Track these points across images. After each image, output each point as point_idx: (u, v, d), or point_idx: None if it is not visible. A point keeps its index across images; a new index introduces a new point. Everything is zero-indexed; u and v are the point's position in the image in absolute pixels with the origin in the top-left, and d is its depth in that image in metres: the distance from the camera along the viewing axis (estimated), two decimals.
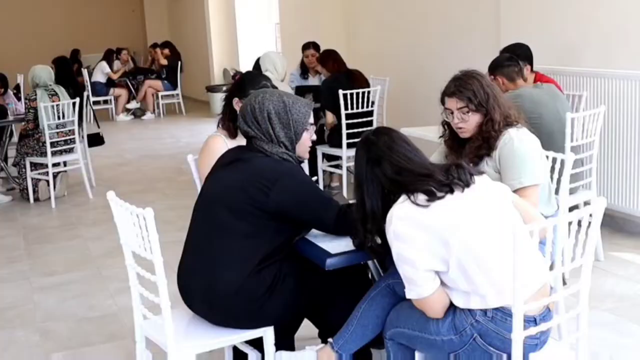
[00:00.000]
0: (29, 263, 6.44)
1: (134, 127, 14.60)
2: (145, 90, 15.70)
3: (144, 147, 12.11)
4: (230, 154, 3.45)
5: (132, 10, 20.89)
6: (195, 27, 17.30)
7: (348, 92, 7.43)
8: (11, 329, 5.02)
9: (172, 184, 9.10)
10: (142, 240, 3.11)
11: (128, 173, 9.98)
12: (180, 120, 15.00)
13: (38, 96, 8.22)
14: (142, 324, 3.48)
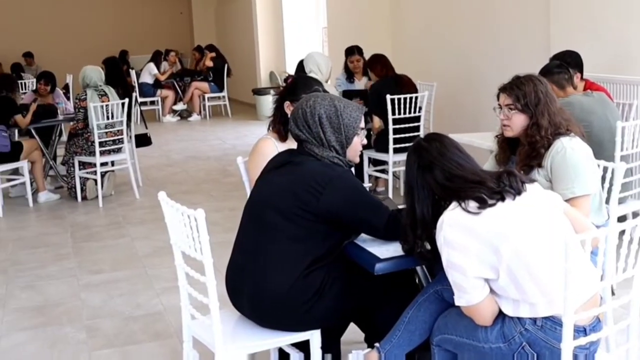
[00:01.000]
0: (76, 261, 6.51)
1: (180, 129, 14.71)
2: (192, 92, 15.81)
3: (190, 148, 12.19)
4: (281, 157, 3.47)
5: (180, 13, 21.06)
6: (242, 30, 17.39)
7: (395, 97, 7.42)
8: (59, 326, 5.08)
9: (218, 186, 9.15)
10: (192, 241, 3.14)
11: (174, 174, 10.05)
12: (226, 123, 15.07)
13: (88, 96, 8.32)
14: (190, 324, 3.51)
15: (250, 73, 16.65)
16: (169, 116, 15.85)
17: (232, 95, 16.78)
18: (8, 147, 8.24)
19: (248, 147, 11.43)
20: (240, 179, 9.06)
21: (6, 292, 5.79)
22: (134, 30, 20.25)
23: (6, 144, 8.23)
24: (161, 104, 16.04)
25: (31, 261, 6.57)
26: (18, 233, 7.53)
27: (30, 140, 8.67)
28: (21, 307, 5.49)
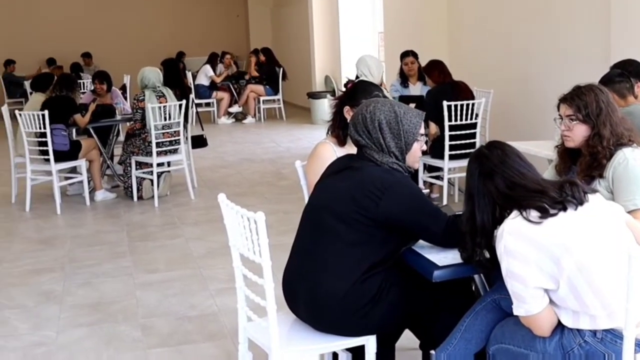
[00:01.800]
0: (132, 259, 6.59)
1: (235, 131, 14.80)
2: (247, 95, 15.90)
3: (245, 150, 12.25)
4: (341, 162, 3.47)
5: (237, 16, 21.19)
6: (298, 33, 17.44)
7: (452, 103, 7.39)
8: (114, 323, 5.15)
9: (272, 188, 9.19)
10: (251, 244, 3.16)
11: (229, 176, 10.12)
12: (280, 126, 15.13)
13: (146, 97, 8.42)
14: (246, 325, 3.53)
15: (305, 77, 16.69)
16: (224, 118, 15.96)
17: (287, 99, 16.84)
18: (67, 146, 8.38)
19: (302, 150, 11.59)
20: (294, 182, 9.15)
21: (63, 288, 5.89)
22: (190, 32, 20.41)
23: (65, 142, 8.37)
24: (216, 106, 16.15)
25: (88, 259, 6.67)
26: (75, 231, 7.65)
27: (88, 140, 8.80)
28: (78, 303, 5.57)
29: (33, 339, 4.96)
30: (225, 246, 6.53)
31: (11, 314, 5.42)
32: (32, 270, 6.42)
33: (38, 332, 5.06)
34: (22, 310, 5.50)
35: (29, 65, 18.83)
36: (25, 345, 4.87)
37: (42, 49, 19.09)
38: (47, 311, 5.44)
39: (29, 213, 8.43)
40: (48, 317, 5.31)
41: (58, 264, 6.53)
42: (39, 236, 7.56)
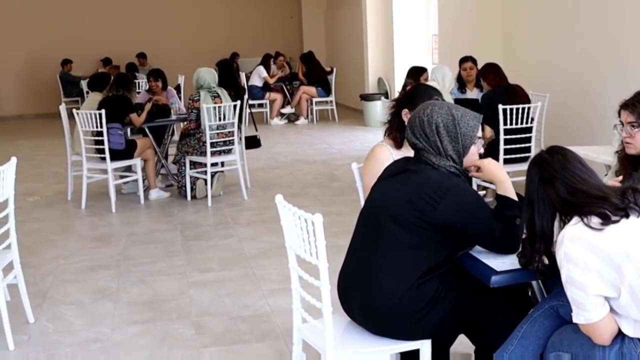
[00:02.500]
0: (185, 258, 6.64)
1: (288, 132, 14.83)
2: (299, 96, 15.93)
3: (297, 151, 12.28)
4: (398, 165, 3.46)
5: (291, 17, 21.23)
6: (352, 35, 17.43)
7: (508, 107, 7.33)
8: (168, 321, 5.19)
9: (325, 190, 9.19)
10: (308, 245, 3.16)
11: (281, 176, 10.14)
12: (332, 127, 15.13)
13: (201, 97, 8.47)
14: (301, 327, 3.53)
15: (358, 78, 16.67)
16: (276, 119, 16.02)
17: (340, 100, 16.84)
18: (123, 145, 8.47)
19: (354, 152, 11.60)
20: (347, 183, 9.17)
21: (118, 286, 5.95)
22: (244, 33, 20.50)
23: (121, 141, 8.46)
24: (269, 107, 16.21)
25: (142, 257, 6.73)
26: (130, 229, 7.73)
27: (143, 139, 8.89)
28: (132, 301, 5.63)
29: (88, 335, 5.02)
30: (277, 247, 6.62)
31: (67, 309, 5.50)
32: (87, 267, 6.50)
33: (93, 329, 5.12)
34: (77, 306, 5.57)
35: (85, 64, 19.10)
36: (81, 341, 4.93)
37: (98, 49, 19.35)
38: (102, 308, 5.50)
39: (84, 210, 8.54)
40: (103, 314, 5.37)
41: (113, 262, 6.60)
42: (95, 234, 7.66)
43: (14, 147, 12.74)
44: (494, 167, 3.37)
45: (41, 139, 14.98)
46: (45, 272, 6.35)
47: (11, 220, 4.96)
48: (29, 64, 19.70)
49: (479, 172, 3.38)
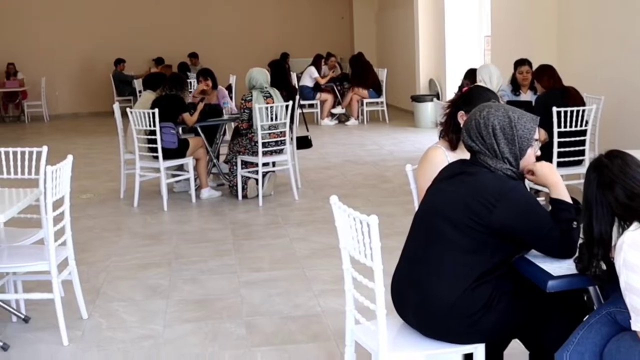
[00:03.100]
0: (236, 257, 6.66)
1: (338, 132, 14.82)
2: (350, 97, 15.93)
3: (348, 152, 12.26)
4: (454, 167, 3.44)
5: (342, 18, 21.22)
6: (403, 36, 17.37)
7: (562, 109, 7.25)
8: (219, 320, 5.22)
9: (375, 191, 9.16)
10: (362, 246, 3.15)
11: (332, 177, 10.14)
12: (383, 128, 15.09)
13: (253, 97, 8.50)
14: (354, 328, 3.52)
15: (409, 80, 16.60)
16: (327, 119, 16.03)
17: (390, 102, 16.79)
18: (175, 144, 8.54)
19: (405, 153, 11.56)
20: (397, 185, 9.15)
21: (170, 283, 6.00)
22: (295, 33, 20.54)
23: (174, 140, 8.53)
24: (320, 107, 16.22)
25: (193, 255, 6.78)
26: (181, 227, 7.79)
27: (195, 138, 8.94)
28: (184, 299, 5.67)
29: (140, 332, 5.06)
30: (328, 247, 6.63)
31: (120, 306, 5.55)
32: (140, 264, 6.56)
33: (145, 326, 5.17)
34: (130, 303, 5.63)
35: (137, 64, 19.31)
36: (133, 338, 4.97)
37: (151, 49, 19.52)
38: (154, 305, 5.55)
39: (136, 208, 8.63)
40: (155, 311, 5.42)
41: (165, 260, 6.66)
42: (147, 231, 7.73)
43: (68, 145, 12.89)
44: (547, 171, 3.33)
45: (95, 137, 15.17)
46: (98, 268, 6.43)
47: (67, 217, 5.03)
48: (83, 63, 19.97)
49: (532, 176, 3.33)
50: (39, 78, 18.91)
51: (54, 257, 4.80)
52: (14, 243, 5.35)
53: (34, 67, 19.27)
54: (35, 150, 5.56)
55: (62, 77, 19.89)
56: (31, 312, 5.35)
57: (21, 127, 18.20)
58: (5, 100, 19.32)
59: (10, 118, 19.44)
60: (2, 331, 5.09)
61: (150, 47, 19.55)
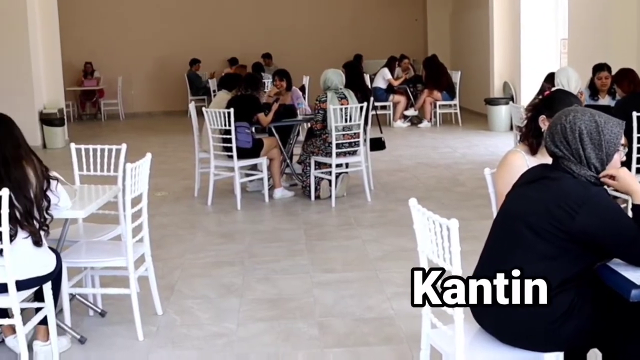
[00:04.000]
0: (309, 258, 6.68)
1: (411, 134, 14.77)
2: (423, 99, 15.86)
3: (420, 154, 12.20)
4: (535, 172, 3.38)
5: (415, 20, 21.13)
6: (477, 38, 17.23)
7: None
8: (292, 320, 5.23)
9: (449, 194, 9.09)
10: (441, 250, 3.12)
11: (405, 179, 10.09)
12: (456, 131, 14.98)
13: (328, 98, 8.51)
14: (430, 332, 3.49)
15: (483, 82, 16.45)
16: (399, 121, 15.98)
17: (463, 104, 16.66)
18: (250, 144, 8.60)
19: (478, 157, 11.46)
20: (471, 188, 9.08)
21: (243, 282, 6.03)
22: (368, 35, 20.51)
23: (248, 140, 8.59)
24: (392, 109, 16.19)
25: (266, 254, 6.81)
26: (254, 227, 7.84)
27: (269, 138, 8.98)
28: (257, 298, 5.70)
29: (214, 330, 5.10)
30: (401, 249, 6.61)
31: (194, 303, 5.61)
32: (213, 262, 6.62)
33: (219, 324, 5.21)
34: (203, 300, 5.68)
35: (211, 64, 19.53)
36: (207, 335, 5.02)
37: (225, 49, 19.73)
38: (228, 303, 5.59)
39: (210, 207, 8.71)
40: (228, 309, 5.46)
41: (238, 258, 6.71)
42: (220, 230, 7.80)
43: (143, 143, 13.08)
44: (629, 177, 3.26)
45: (169, 135, 15.37)
46: (173, 265, 6.50)
47: (144, 214, 5.10)
48: (158, 63, 20.28)
49: (613, 181, 3.26)
50: (115, 77, 19.28)
51: (132, 254, 4.88)
52: (92, 238, 5.45)
53: (111, 66, 19.66)
54: (115, 147, 5.66)
55: (138, 77, 20.24)
56: (107, 307, 5.45)
57: (98, 125, 18.56)
58: (83, 98, 19.76)
59: (87, 116, 19.86)
60: (80, 324, 5.18)
61: (224, 47, 19.76)
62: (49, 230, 4.58)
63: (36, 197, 4.42)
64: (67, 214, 4.73)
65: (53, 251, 4.66)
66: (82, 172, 5.77)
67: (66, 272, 4.88)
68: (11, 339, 4.73)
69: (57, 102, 15.02)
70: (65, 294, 4.95)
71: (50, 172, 4.58)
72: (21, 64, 13.99)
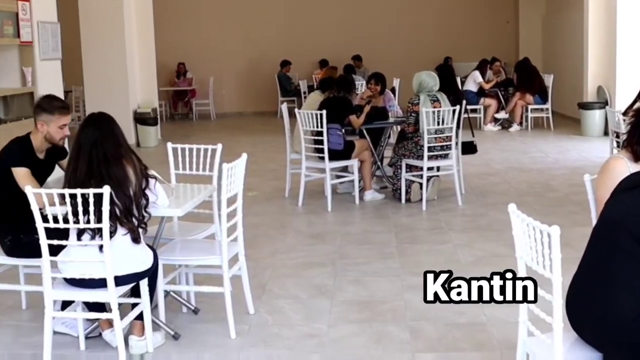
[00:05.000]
0: (400, 261, 6.65)
1: (501, 138, 14.60)
2: (515, 102, 15.66)
3: (511, 159, 12.05)
4: (636, 177, 3.31)
5: (507, 22, 20.89)
6: (571, 40, 16.93)
7: None
8: (383, 323, 5.22)
9: (541, 200, 8.95)
10: (541, 257, 3.08)
11: (496, 184, 9.97)
12: (547, 135, 14.75)
13: (421, 101, 8.47)
14: (526, 340, 3.45)
15: (577, 86, 16.12)
16: (490, 125, 15.81)
17: (555, 108, 16.37)
18: (341, 145, 8.62)
19: (572, 162, 11.27)
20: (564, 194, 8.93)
21: (334, 283, 6.05)
22: (459, 37, 20.37)
23: (340, 142, 8.62)
24: (483, 112, 16.03)
25: (357, 256, 6.82)
26: (345, 228, 7.85)
27: (361, 140, 8.98)
28: (348, 300, 5.70)
29: (305, 330, 5.13)
30: (492, 255, 6.56)
31: (285, 303, 5.65)
32: (304, 263, 6.66)
33: (310, 324, 5.23)
34: (295, 301, 5.71)
35: (302, 66, 19.68)
36: (298, 336, 5.05)
37: (315, 51, 19.86)
38: (319, 304, 5.61)
39: (301, 208, 8.76)
40: (319, 310, 5.48)
41: (329, 260, 6.72)
42: (311, 231, 7.84)
43: (234, 143, 13.23)
44: None
45: (259, 136, 15.53)
46: (264, 265, 6.56)
47: (239, 214, 5.16)
48: (249, 64, 20.54)
49: None
50: (207, 78, 19.57)
51: (226, 253, 4.94)
52: (187, 237, 5.53)
53: (203, 67, 19.97)
54: (210, 147, 5.74)
55: (229, 77, 20.53)
56: (200, 304, 5.53)
57: (189, 125, 18.87)
58: (175, 98, 20.14)
59: (179, 116, 20.21)
60: (173, 321, 5.26)
61: (314, 49, 19.90)
62: (146, 227, 4.69)
63: (135, 195, 4.52)
64: (164, 212, 4.83)
65: (150, 248, 4.76)
66: (178, 171, 5.86)
67: (161, 269, 4.97)
68: (107, 333, 4.85)
69: (151, 101, 15.33)
70: (160, 290, 5.04)
71: (149, 170, 4.68)
72: (117, 65, 14.33)
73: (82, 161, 4.47)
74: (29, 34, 10.11)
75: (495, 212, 8.07)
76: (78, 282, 4.50)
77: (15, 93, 10.14)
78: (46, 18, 10.58)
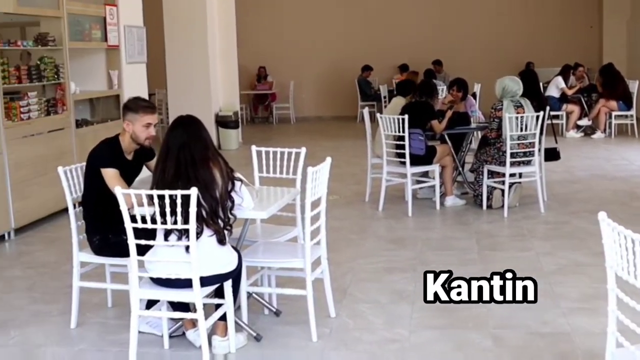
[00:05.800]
0: (482, 267, 6.58)
1: (584, 145, 14.37)
2: (598, 109, 15.39)
3: (595, 166, 11.86)
4: None
5: (590, 27, 20.55)
6: None
7: None
8: (465, 330, 5.18)
9: (625, 208, 8.78)
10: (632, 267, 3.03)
11: (578, 192, 9.80)
12: (632, 143, 14.46)
13: (504, 106, 8.39)
14: (614, 351, 3.39)
15: None
16: (572, 131, 15.58)
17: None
18: (423, 151, 8.61)
19: None
20: None
21: (415, 289, 6.02)
22: (541, 42, 20.11)
23: (422, 147, 8.60)
24: (565, 119, 15.80)
25: (438, 262, 6.77)
26: (425, 234, 7.83)
27: (442, 146, 8.95)
28: (429, 305, 5.62)
29: (386, 335, 5.13)
30: (576, 264, 6.48)
31: (366, 308, 5.65)
32: (384, 268, 6.66)
33: (391, 329, 5.22)
34: (375, 305, 5.72)
35: (382, 70, 19.69)
36: (379, 340, 5.05)
37: (395, 56, 19.86)
38: (400, 309, 5.60)
39: (381, 212, 8.77)
40: (400, 316, 5.47)
41: (409, 265, 6.71)
42: (391, 236, 7.84)
43: (314, 147, 13.22)
44: None
45: (339, 140, 15.58)
46: (345, 269, 6.58)
47: (322, 218, 5.18)
48: (329, 68, 20.63)
49: None
50: (287, 81, 19.74)
51: (309, 256, 4.97)
52: (270, 239, 5.58)
53: (284, 71, 20.15)
54: (294, 150, 5.78)
55: (309, 82, 20.65)
56: (282, 307, 5.58)
57: (269, 128, 19.06)
58: (255, 101, 20.36)
59: (259, 119, 20.42)
60: (255, 322, 5.32)
61: (394, 54, 19.92)
62: (232, 229, 4.75)
63: (221, 197, 4.59)
64: (249, 214, 4.89)
65: (235, 250, 4.82)
66: (262, 174, 5.93)
67: (245, 270, 5.03)
68: (191, 332, 4.93)
69: (233, 105, 15.51)
70: (243, 292, 5.09)
71: (235, 173, 4.74)
72: (200, 68, 14.57)
73: (170, 163, 4.56)
74: (115, 38, 10.36)
75: (579, 220, 7.94)
76: (164, 282, 4.58)
77: (102, 95, 10.41)
78: (132, 22, 10.82)
